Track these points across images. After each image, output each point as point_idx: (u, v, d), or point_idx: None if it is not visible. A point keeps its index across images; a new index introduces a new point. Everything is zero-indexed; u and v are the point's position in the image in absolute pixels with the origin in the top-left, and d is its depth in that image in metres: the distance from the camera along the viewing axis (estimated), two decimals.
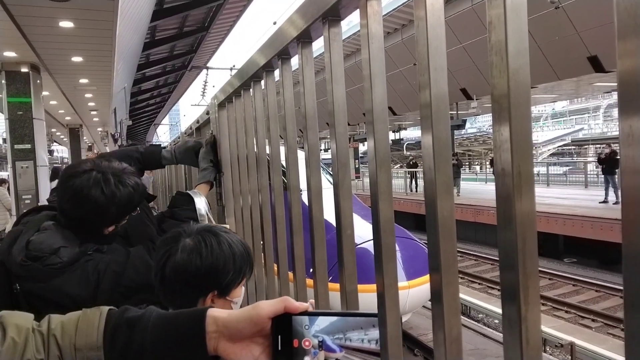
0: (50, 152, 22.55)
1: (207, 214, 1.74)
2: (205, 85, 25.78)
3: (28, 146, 8.84)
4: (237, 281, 1.11)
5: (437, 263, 0.67)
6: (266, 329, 0.70)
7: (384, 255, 0.83)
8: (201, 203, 1.73)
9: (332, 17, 0.95)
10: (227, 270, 1.08)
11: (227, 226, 1.70)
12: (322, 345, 0.68)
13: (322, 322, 0.69)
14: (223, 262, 1.08)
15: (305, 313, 0.70)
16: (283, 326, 0.69)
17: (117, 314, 0.74)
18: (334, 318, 0.69)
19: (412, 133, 37.83)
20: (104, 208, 1.35)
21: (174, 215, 1.64)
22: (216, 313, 0.71)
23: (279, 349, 0.69)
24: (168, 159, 2.08)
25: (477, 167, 33.78)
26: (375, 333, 0.68)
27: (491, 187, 19.16)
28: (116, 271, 1.36)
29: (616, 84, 0.45)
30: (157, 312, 0.74)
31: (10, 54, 8.13)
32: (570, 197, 15.45)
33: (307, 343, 0.68)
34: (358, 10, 0.86)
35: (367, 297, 1.12)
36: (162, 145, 2.38)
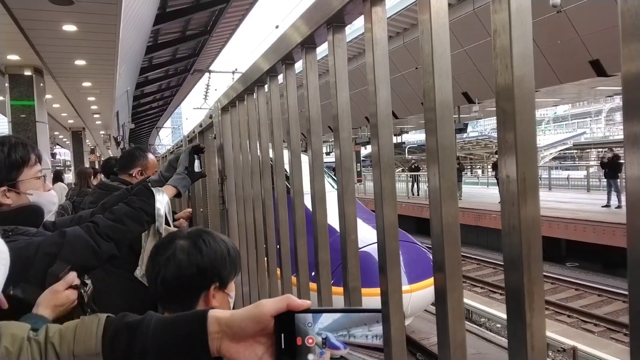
0: (53, 155, 22.62)
1: (165, 216, 1.69)
2: (207, 89, 25.81)
3: None
4: (233, 274, 1.20)
5: (441, 268, 0.67)
6: (269, 328, 0.69)
7: (388, 260, 0.83)
8: (162, 202, 1.68)
9: (337, 23, 0.95)
10: (225, 263, 1.16)
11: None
12: (326, 342, 0.68)
13: (326, 319, 0.68)
14: (221, 255, 1.16)
15: (308, 310, 0.69)
16: (286, 324, 0.69)
17: (116, 320, 0.74)
18: (337, 315, 0.68)
19: (414, 137, 37.78)
20: None
21: (129, 203, 1.62)
22: (218, 313, 0.71)
23: (283, 347, 0.68)
24: (156, 181, 2.04)
25: (479, 171, 33.71)
26: (379, 329, 0.67)
27: (492, 191, 19.15)
28: (50, 252, 1.32)
29: (618, 87, 0.45)
30: (157, 316, 0.74)
31: (13, 57, 8.16)
32: (573, 201, 15.41)
33: (310, 340, 0.68)
34: (362, 16, 0.87)
35: (369, 301, 1.12)
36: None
